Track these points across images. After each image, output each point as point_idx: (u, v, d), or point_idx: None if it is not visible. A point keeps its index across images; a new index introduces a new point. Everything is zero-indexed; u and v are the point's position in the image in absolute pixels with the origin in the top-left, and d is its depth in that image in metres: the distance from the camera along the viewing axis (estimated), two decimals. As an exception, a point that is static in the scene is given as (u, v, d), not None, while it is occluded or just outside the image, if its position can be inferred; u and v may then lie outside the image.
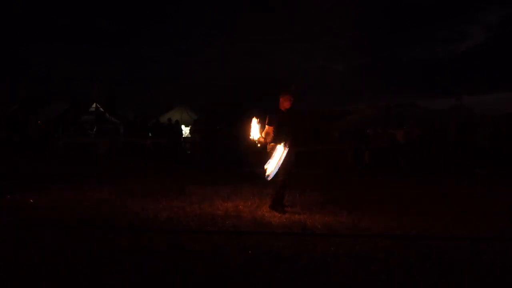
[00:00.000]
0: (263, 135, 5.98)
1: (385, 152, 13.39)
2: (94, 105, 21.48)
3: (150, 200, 6.32)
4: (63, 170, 10.61)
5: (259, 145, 6.02)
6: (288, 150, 5.78)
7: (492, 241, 4.37)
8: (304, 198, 6.69)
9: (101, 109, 21.44)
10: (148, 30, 61.21)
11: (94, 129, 19.58)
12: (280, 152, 5.79)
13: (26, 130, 16.18)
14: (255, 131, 6.00)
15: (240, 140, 15.08)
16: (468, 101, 17.44)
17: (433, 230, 4.77)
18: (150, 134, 17.42)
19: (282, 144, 5.78)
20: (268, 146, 5.97)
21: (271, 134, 5.91)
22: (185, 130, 20.24)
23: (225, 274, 3.17)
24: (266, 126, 5.94)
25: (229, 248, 3.88)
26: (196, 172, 11.43)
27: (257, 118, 6.05)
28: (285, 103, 5.96)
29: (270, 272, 3.24)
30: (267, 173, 5.80)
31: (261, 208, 5.84)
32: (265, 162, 5.89)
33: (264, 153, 5.95)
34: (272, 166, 5.78)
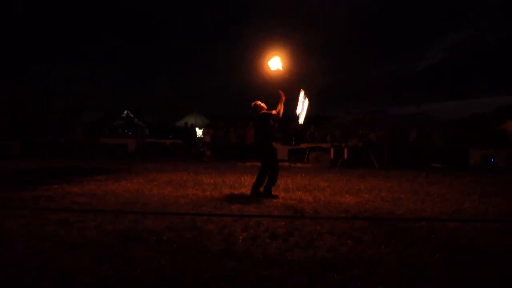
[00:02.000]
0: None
1: (360, 150, 13.42)
2: (125, 112, 21.56)
3: (171, 189, 6.35)
4: (100, 166, 10.64)
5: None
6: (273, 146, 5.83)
7: (445, 221, 4.40)
8: (295, 187, 6.72)
9: (131, 115, 21.52)
10: (165, 52, 61.75)
11: (126, 132, 19.64)
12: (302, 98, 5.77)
13: (70, 133, 16.24)
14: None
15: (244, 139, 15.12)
16: (428, 108, 17.48)
17: (399, 212, 4.80)
18: (170, 136, 17.45)
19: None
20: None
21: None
22: (199, 132, 20.30)
23: (232, 248, 3.20)
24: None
25: (235, 227, 3.91)
26: (207, 166, 11.45)
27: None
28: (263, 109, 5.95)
29: (268, 247, 3.27)
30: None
31: (261, 195, 5.85)
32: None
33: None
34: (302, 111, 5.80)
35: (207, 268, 2.73)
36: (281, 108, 5.78)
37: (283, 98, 5.79)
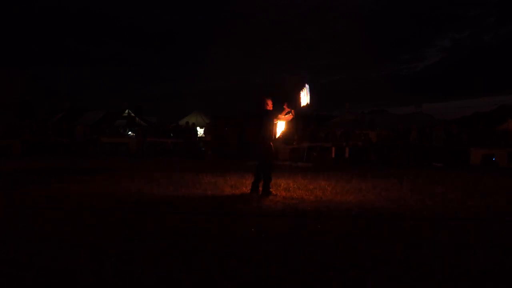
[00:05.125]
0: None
1: (361, 149, 13.38)
2: (126, 111, 21.53)
3: (172, 188, 6.33)
4: (101, 165, 10.62)
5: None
6: (270, 145, 5.78)
7: (446, 220, 4.37)
8: (296, 187, 6.69)
9: (132, 114, 21.49)
10: (165, 55, 62.14)
11: (127, 131, 19.58)
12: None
13: (71, 134, 16.19)
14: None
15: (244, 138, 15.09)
16: (427, 107, 17.45)
17: (400, 212, 4.77)
18: (171, 135, 17.39)
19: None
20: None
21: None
22: (200, 131, 20.21)
23: (232, 248, 3.18)
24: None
25: (236, 226, 3.89)
26: (209, 165, 11.42)
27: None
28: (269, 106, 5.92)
29: (268, 247, 3.25)
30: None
31: (261, 194, 5.83)
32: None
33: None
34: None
35: (207, 268, 2.71)
36: (285, 118, 5.82)
37: (291, 116, 5.79)
